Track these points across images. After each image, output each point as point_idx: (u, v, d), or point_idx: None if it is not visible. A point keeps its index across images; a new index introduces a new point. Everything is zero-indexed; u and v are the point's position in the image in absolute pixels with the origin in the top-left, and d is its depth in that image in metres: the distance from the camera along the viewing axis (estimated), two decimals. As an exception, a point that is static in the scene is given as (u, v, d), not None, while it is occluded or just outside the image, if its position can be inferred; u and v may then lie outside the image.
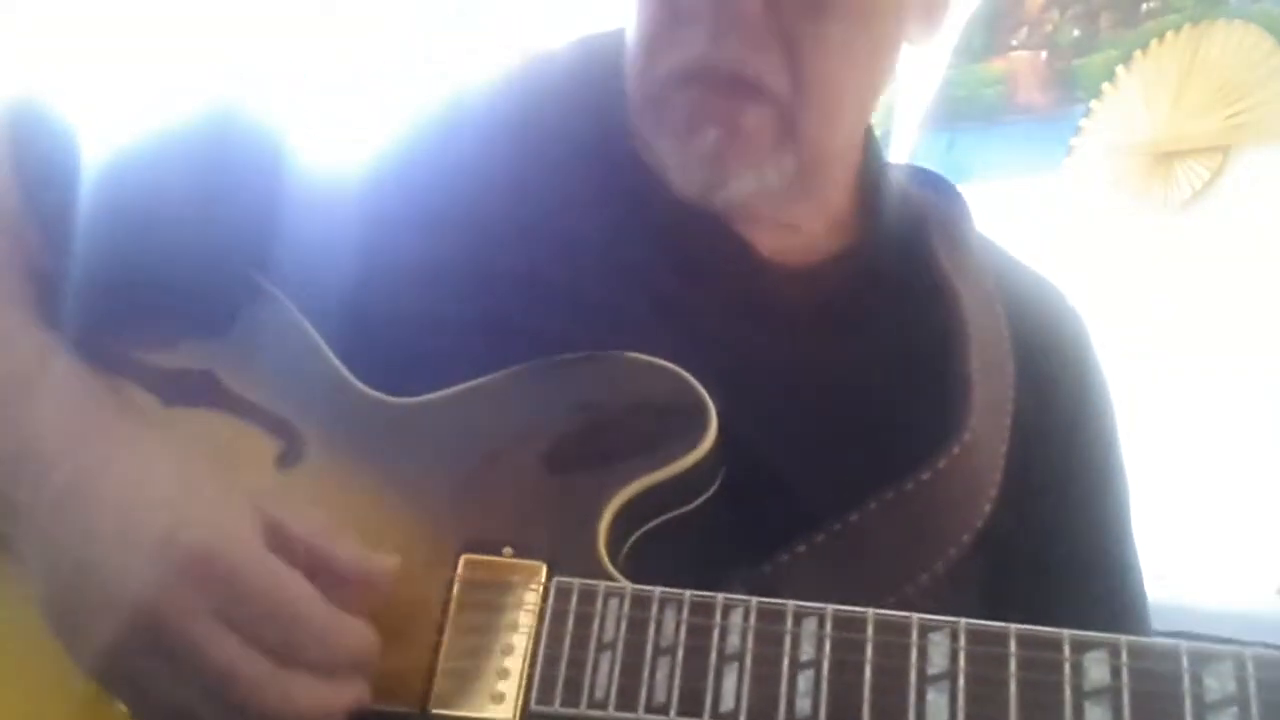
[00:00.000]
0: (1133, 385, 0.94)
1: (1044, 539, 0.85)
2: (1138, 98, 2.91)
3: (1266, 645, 0.65)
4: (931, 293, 0.84)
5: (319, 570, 0.64)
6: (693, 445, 0.71)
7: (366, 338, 0.79)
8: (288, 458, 0.75)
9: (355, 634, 0.64)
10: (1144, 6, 2.94)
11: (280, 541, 0.64)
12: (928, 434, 0.77)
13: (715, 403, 0.72)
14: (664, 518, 0.72)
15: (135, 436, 0.70)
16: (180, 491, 0.65)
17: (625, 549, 0.71)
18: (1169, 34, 2.86)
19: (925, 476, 0.74)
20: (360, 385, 0.77)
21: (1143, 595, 0.89)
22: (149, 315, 0.79)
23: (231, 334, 0.80)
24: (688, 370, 0.74)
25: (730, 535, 0.73)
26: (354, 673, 0.64)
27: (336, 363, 0.78)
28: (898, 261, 0.81)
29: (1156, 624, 1.08)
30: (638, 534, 0.72)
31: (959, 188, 0.95)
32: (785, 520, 0.74)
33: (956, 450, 0.75)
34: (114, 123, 0.80)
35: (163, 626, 0.61)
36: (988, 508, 0.77)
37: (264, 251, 0.80)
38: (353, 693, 0.63)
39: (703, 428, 0.71)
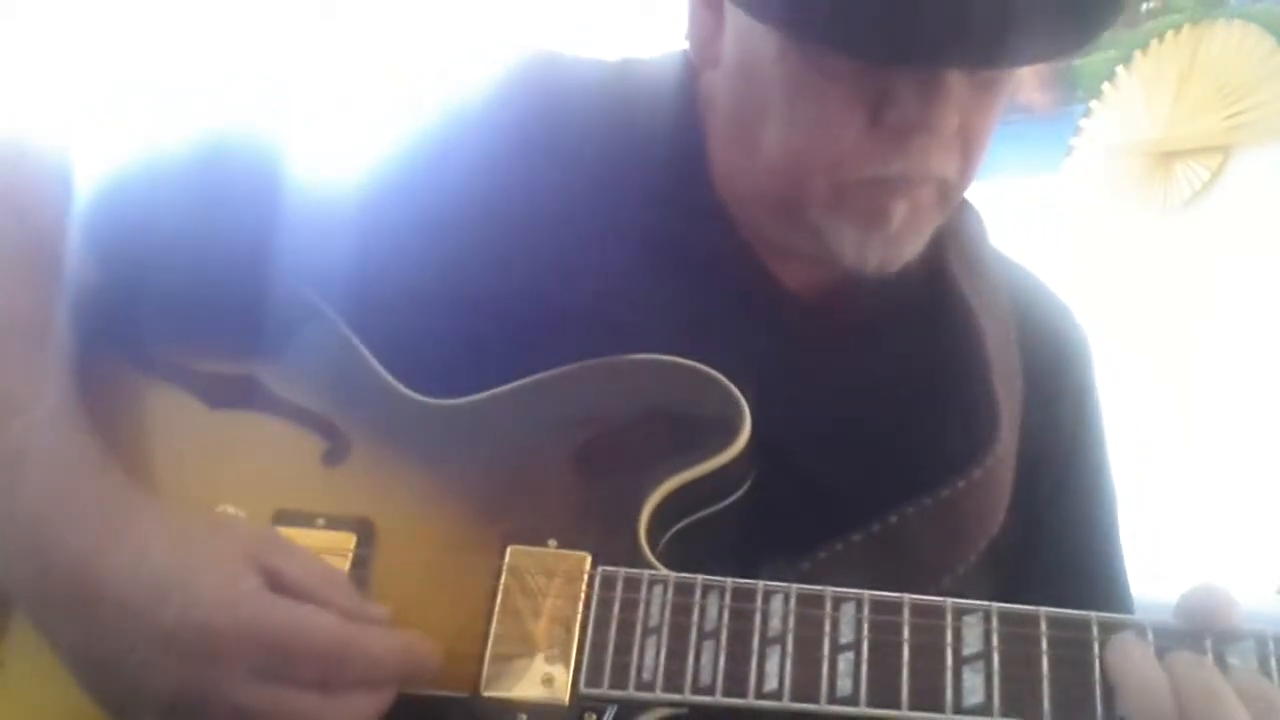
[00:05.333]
0: (1132, 385, 0.97)
1: (1042, 548, 0.89)
2: (1138, 98, 2.93)
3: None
4: (948, 309, 0.87)
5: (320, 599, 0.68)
6: (728, 443, 0.74)
7: (402, 342, 0.81)
8: (332, 455, 0.78)
9: (380, 638, 0.67)
10: (1144, 6, 2.95)
11: (282, 582, 0.67)
12: (950, 444, 0.80)
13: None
14: (698, 515, 0.75)
15: (128, 508, 0.71)
16: (177, 564, 0.67)
17: (661, 545, 0.74)
18: (1169, 34, 2.87)
19: (960, 485, 0.78)
20: (403, 388, 0.80)
21: (1130, 603, 0.93)
22: (195, 326, 0.81)
23: (276, 344, 0.82)
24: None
25: (766, 536, 0.76)
26: (394, 675, 0.68)
27: (379, 368, 0.81)
28: (915, 279, 0.84)
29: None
30: (672, 531, 0.75)
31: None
32: (817, 522, 0.77)
33: (990, 461, 0.79)
34: (152, 139, 0.82)
35: (211, 705, 0.64)
36: (1002, 516, 0.81)
37: (302, 261, 0.82)
38: (392, 692, 0.68)
39: (738, 427, 0.74)
